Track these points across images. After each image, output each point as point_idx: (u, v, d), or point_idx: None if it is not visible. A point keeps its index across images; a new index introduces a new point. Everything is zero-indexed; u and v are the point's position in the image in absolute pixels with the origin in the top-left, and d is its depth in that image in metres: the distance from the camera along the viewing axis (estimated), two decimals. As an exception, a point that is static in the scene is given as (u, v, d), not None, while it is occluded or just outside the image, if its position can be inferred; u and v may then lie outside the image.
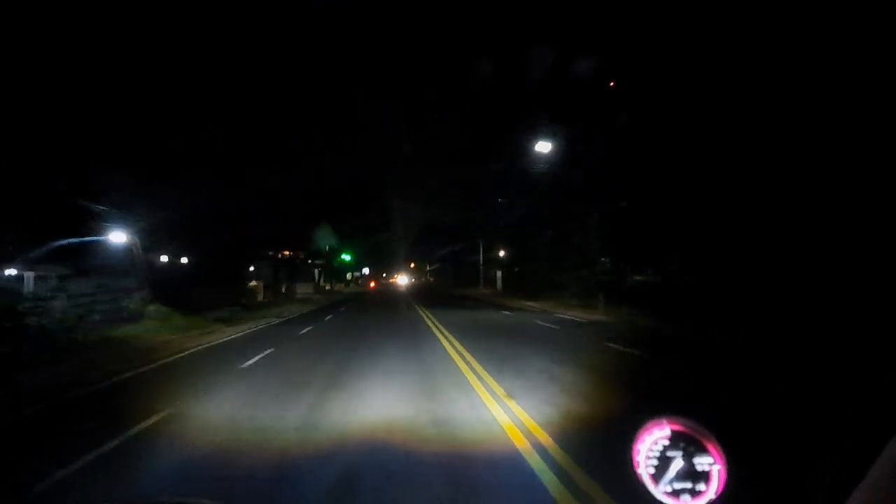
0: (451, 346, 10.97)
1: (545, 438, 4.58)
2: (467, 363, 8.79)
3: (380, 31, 29.17)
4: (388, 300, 36.78)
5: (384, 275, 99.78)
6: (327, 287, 55.93)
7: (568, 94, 22.43)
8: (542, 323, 16.67)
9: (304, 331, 15.42)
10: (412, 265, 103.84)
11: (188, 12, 16.96)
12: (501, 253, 47.80)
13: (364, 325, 17.52)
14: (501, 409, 5.66)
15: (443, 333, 13.61)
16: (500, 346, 11.14)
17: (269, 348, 11.19)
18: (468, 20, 28.55)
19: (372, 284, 79.27)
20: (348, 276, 72.36)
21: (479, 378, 7.45)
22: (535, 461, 4.04)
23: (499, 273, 48.82)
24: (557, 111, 23.85)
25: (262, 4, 19.88)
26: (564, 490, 3.48)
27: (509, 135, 30.70)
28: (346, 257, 56.05)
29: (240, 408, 5.99)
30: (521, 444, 4.46)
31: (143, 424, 5.31)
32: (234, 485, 3.75)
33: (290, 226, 34.46)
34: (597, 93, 20.89)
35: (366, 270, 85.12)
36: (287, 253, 43.01)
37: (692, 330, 13.60)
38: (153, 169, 17.40)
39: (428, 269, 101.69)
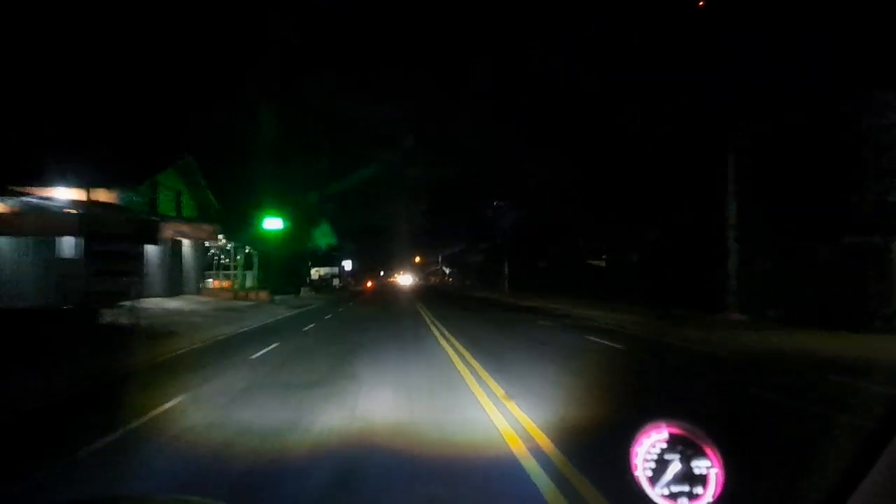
0: None
1: None
2: None
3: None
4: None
5: (381, 272, 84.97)
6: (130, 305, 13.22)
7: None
8: None
9: None
10: (417, 259, 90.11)
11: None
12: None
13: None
14: None
15: None
16: None
17: None
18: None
19: (369, 284, 60.21)
20: (315, 273, 43.60)
21: None
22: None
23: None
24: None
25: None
26: None
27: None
28: (274, 223, 29.87)
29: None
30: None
31: None
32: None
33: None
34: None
35: (347, 264, 59.23)
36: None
37: None
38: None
39: (440, 263, 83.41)
